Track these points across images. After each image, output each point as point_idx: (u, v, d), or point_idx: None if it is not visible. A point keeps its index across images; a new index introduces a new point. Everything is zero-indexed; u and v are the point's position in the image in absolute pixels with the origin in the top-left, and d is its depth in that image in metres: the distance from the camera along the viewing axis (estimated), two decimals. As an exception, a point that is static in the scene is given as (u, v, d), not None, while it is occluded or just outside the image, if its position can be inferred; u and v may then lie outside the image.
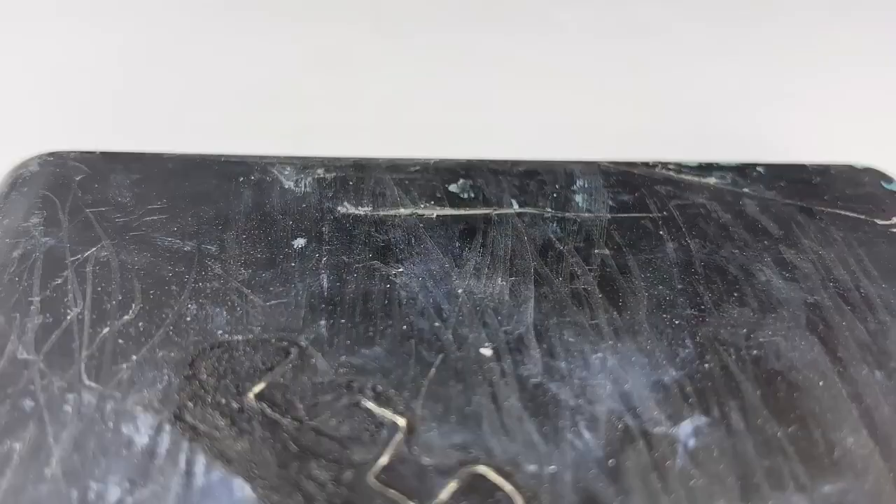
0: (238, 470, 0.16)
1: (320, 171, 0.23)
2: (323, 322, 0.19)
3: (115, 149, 0.24)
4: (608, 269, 0.20)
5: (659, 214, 0.22)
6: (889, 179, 0.23)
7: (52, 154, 0.23)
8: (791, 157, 0.25)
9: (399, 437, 0.16)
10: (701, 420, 0.17)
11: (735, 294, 0.20)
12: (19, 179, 0.22)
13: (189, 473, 0.16)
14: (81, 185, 0.22)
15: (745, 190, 0.23)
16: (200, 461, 0.16)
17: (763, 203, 0.22)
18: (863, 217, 0.22)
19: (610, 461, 0.16)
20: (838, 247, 0.21)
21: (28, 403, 0.17)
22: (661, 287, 0.20)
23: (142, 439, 0.16)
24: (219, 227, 0.21)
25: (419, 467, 0.16)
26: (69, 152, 0.23)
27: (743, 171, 0.24)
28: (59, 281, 0.19)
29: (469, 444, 0.16)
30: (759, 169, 0.24)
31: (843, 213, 0.22)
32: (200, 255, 0.20)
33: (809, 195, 0.23)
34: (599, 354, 0.18)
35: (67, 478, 0.15)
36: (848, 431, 0.17)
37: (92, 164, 0.23)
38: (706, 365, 0.18)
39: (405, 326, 0.19)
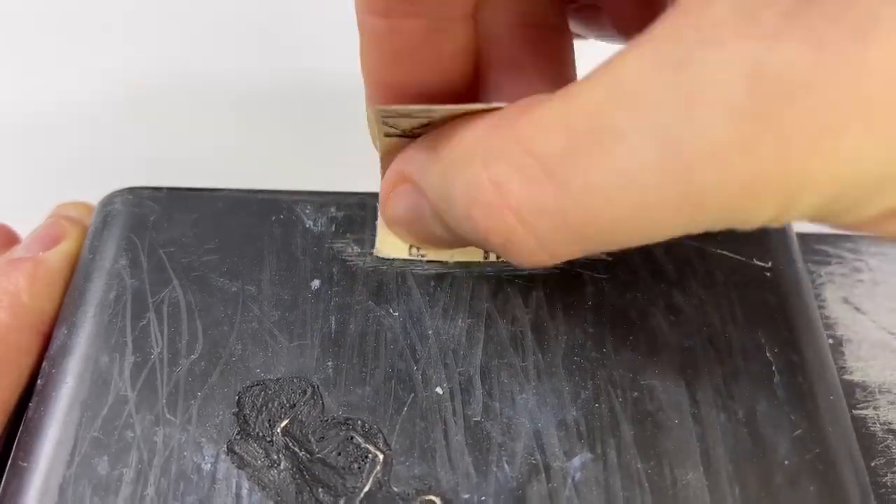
0: (270, 495, 0.20)
1: (332, 210, 0.25)
2: (330, 363, 0.23)
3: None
4: (541, 312, 0.23)
5: (588, 260, 0.24)
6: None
7: (131, 190, 0.26)
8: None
9: (378, 468, 0.21)
10: (587, 456, 0.21)
11: (631, 338, 0.23)
12: (108, 217, 0.25)
13: (238, 496, 0.20)
14: (155, 225, 0.25)
15: (657, 231, 0.25)
16: (245, 487, 0.21)
17: (668, 244, 0.24)
18: (743, 259, 0.24)
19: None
20: (718, 290, 0.24)
21: (129, 435, 0.21)
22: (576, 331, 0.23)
23: (206, 466, 0.21)
24: (256, 268, 0.24)
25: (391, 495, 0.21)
26: (143, 188, 0.26)
27: None
28: (144, 322, 0.23)
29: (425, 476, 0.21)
30: None
31: (727, 254, 0.24)
32: (244, 296, 0.24)
33: (705, 235, 0.24)
34: (523, 395, 0.22)
35: (160, 498, 0.20)
36: (690, 467, 0.21)
37: (161, 202, 0.25)
38: (598, 405, 0.22)
39: (389, 368, 0.22)
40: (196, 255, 0.24)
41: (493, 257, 0.24)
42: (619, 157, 0.15)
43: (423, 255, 0.24)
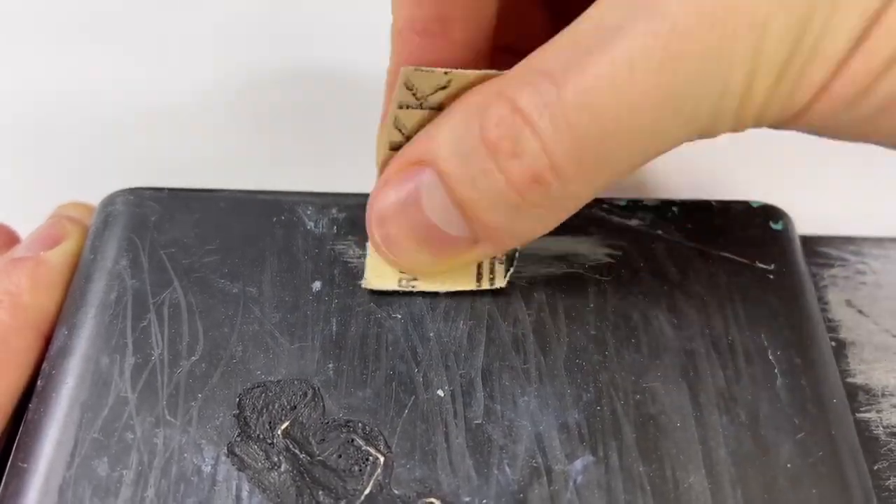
0: (271, 497, 0.20)
1: (334, 211, 0.25)
2: (331, 365, 0.22)
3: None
4: (542, 315, 0.23)
5: (591, 263, 0.24)
6: (777, 219, 0.25)
7: (132, 191, 0.26)
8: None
9: (378, 470, 0.21)
10: (589, 459, 0.21)
11: (633, 341, 0.23)
12: (109, 217, 0.25)
13: (238, 498, 0.20)
14: (156, 226, 0.25)
15: (659, 232, 0.25)
16: (245, 489, 0.20)
17: (670, 246, 0.24)
18: (746, 261, 0.24)
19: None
20: (721, 292, 0.24)
21: (129, 436, 0.21)
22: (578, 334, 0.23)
23: (206, 468, 0.21)
24: (257, 269, 0.24)
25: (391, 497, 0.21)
26: (144, 189, 0.26)
27: (662, 210, 0.25)
28: (145, 323, 0.23)
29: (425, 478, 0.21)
30: (674, 209, 0.25)
31: (730, 256, 0.24)
32: (245, 297, 0.24)
33: (708, 237, 0.25)
34: (525, 397, 0.22)
35: (161, 500, 0.20)
36: (692, 470, 0.21)
37: (162, 203, 0.25)
38: (600, 408, 0.22)
39: (390, 370, 0.22)
40: (197, 255, 0.24)
41: (485, 283, 0.24)
42: (612, 48, 0.17)
43: (413, 286, 0.24)
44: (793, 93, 0.18)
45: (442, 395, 0.22)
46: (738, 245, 0.25)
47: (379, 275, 0.24)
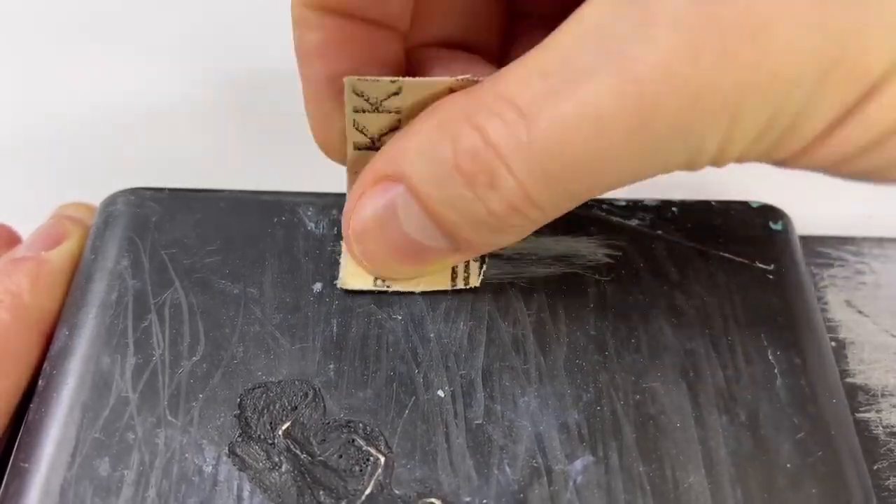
0: (272, 497, 0.20)
1: (335, 212, 0.25)
2: (332, 365, 0.22)
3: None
4: (542, 315, 0.23)
5: (590, 263, 0.24)
6: (776, 219, 0.25)
7: (133, 191, 0.26)
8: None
9: (379, 471, 0.21)
10: (589, 459, 0.21)
11: (633, 341, 0.23)
12: (110, 218, 0.25)
13: (239, 498, 0.20)
14: (157, 226, 0.25)
15: (659, 232, 0.25)
16: (247, 489, 0.21)
17: (670, 246, 0.25)
18: (745, 261, 0.24)
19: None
20: (721, 292, 0.24)
21: (130, 436, 0.21)
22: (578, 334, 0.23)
23: (208, 468, 0.21)
24: (258, 270, 0.24)
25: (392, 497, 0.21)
26: (145, 189, 0.26)
27: (661, 210, 0.25)
28: (146, 323, 0.23)
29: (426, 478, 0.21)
30: (673, 209, 0.25)
31: (729, 256, 0.24)
32: (246, 298, 0.24)
33: (707, 237, 0.25)
34: (525, 398, 0.22)
35: (162, 500, 0.20)
36: (692, 470, 0.21)
37: (163, 203, 0.25)
38: (600, 408, 0.22)
39: (390, 371, 0.22)
40: (198, 256, 0.24)
41: (460, 283, 0.24)
42: (582, 88, 0.17)
43: (388, 286, 0.24)
44: (771, 153, 0.18)
45: (442, 395, 0.22)
46: (738, 245, 0.25)
47: (354, 275, 0.24)
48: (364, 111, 0.21)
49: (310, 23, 0.21)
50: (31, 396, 0.22)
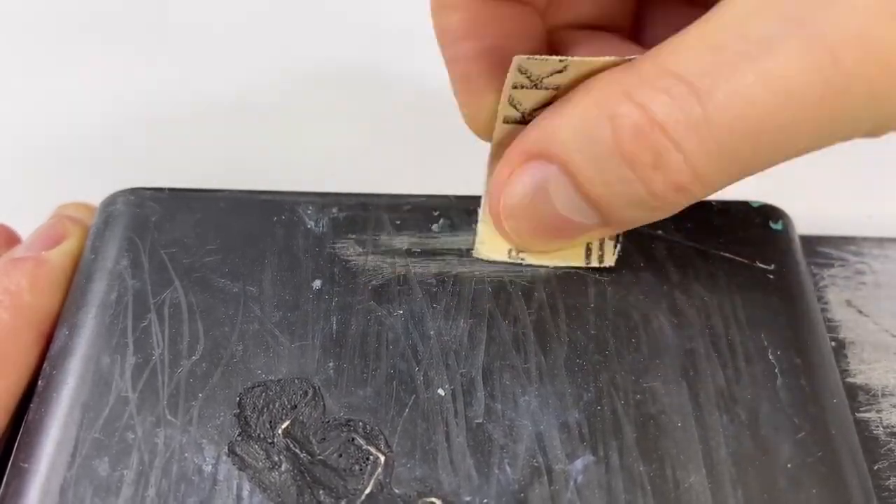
0: (271, 496, 0.20)
1: (334, 210, 0.25)
2: (331, 364, 0.22)
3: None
4: (543, 314, 0.23)
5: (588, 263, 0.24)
6: (777, 219, 0.25)
7: (132, 191, 0.26)
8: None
9: (379, 470, 0.21)
10: (589, 458, 0.21)
11: (633, 340, 0.23)
12: (110, 217, 0.25)
13: (239, 498, 0.20)
14: (157, 226, 0.25)
15: (659, 232, 0.25)
16: (246, 488, 0.20)
17: (670, 246, 0.24)
18: (746, 261, 0.24)
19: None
20: (721, 292, 0.24)
21: (130, 436, 0.21)
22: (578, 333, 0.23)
23: (207, 468, 0.21)
24: (258, 268, 0.24)
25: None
26: (145, 189, 0.26)
27: None
28: (146, 323, 0.23)
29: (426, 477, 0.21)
30: None
31: (730, 256, 0.24)
32: (245, 296, 0.24)
33: (707, 237, 0.25)
34: (525, 397, 0.22)
35: (161, 500, 0.20)
36: (692, 470, 0.21)
37: (163, 203, 0.25)
38: (601, 408, 0.22)
39: (390, 369, 0.22)
40: (197, 255, 0.24)
41: (594, 261, 0.24)
42: (764, 61, 0.16)
43: (522, 258, 0.24)
44: None
45: (442, 394, 0.22)
46: (738, 245, 0.25)
47: (490, 246, 0.24)
48: (523, 87, 0.20)
49: (450, 4, 0.21)
50: (31, 396, 0.22)
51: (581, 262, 0.24)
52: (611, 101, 0.18)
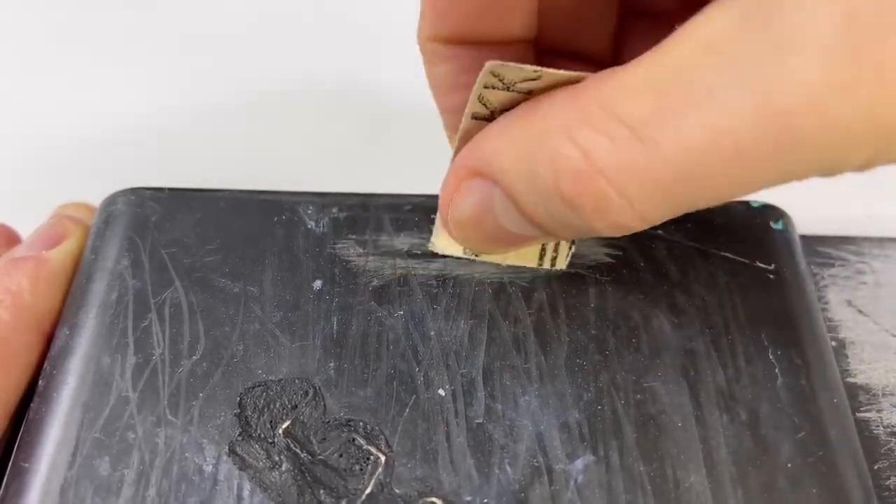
0: (272, 496, 0.20)
1: (334, 210, 0.25)
2: (332, 364, 0.22)
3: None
4: (543, 314, 0.23)
5: (591, 262, 0.24)
6: (777, 219, 0.25)
7: (133, 191, 0.26)
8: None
9: (379, 470, 0.21)
10: (590, 458, 0.21)
11: (633, 340, 0.23)
12: (110, 217, 0.25)
13: (240, 498, 0.20)
14: (157, 226, 0.25)
15: (659, 232, 0.25)
16: (247, 488, 0.20)
17: (670, 246, 0.25)
18: (746, 261, 0.24)
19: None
20: (721, 292, 0.24)
21: (131, 436, 0.21)
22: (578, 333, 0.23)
23: (208, 468, 0.21)
24: (258, 268, 0.24)
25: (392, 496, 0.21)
26: (145, 189, 0.26)
27: None
28: (146, 323, 0.23)
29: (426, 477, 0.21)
30: None
31: (730, 256, 0.24)
32: (246, 296, 0.24)
33: (707, 237, 0.25)
34: (526, 397, 0.22)
35: (162, 500, 0.20)
36: (692, 470, 0.21)
37: (163, 203, 0.25)
38: (601, 408, 0.22)
39: (391, 369, 0.22)
40: (198, 255, 0.24)
41: (547, 263, 0.24)
42: (711, 113, 0.15)
43: (476, 255, 0.24)
44: None
45: (443, 394, 0.22)
46: (738, 245, 0.25)
47: (445, 241, 0.24)
48: (494, 87, 0.20)
49: (439, 55, 0.21)
50: (32, 396, 0.22)
51: (534, 264, 0.24)
52: (553, 138, 0.18)
